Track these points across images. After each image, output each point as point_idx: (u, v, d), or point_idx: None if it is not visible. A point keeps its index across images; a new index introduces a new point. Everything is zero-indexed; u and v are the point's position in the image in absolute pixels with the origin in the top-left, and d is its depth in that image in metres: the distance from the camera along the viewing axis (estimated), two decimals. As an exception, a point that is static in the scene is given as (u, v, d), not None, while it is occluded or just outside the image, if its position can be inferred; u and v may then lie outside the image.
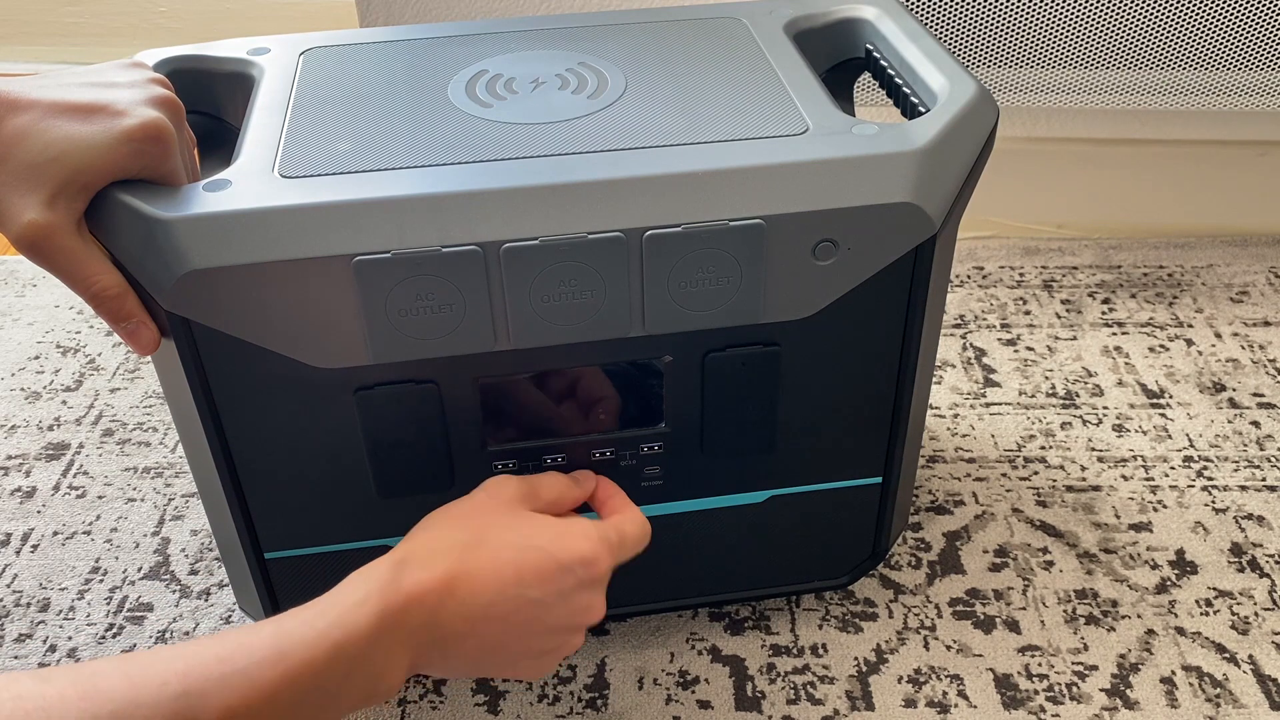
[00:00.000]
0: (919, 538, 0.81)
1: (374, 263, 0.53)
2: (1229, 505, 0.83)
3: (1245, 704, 0.69)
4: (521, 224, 0.54)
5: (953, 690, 0.70)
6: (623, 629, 0.74)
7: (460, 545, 0.53)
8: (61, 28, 1.72)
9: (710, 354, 0.61)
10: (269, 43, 0.69)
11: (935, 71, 0.63)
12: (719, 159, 0.56)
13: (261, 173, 0.56)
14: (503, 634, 0.53)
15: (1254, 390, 0.94)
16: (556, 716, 0.69)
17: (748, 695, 0.70)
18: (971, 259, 1.11)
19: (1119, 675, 0.71)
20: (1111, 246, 1.13)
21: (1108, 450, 0.88)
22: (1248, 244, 1.13)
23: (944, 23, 0.98)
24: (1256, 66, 0.99)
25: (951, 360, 0.98)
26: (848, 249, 0.57)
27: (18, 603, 0.77)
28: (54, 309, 1.08)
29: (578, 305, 0.56)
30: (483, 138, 0.59)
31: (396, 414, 0.59)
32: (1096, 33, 0.97)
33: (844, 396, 0.65)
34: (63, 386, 0.98)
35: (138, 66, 0.58)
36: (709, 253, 0.55)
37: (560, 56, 0.68)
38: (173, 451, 0.90)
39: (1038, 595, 0.76)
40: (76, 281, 0.53)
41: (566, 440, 0.63)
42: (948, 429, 0.91)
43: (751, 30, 0.70)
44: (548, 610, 0.54)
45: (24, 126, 0.50)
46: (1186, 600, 0.76)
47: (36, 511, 0.85)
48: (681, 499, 0.67)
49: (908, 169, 0.56)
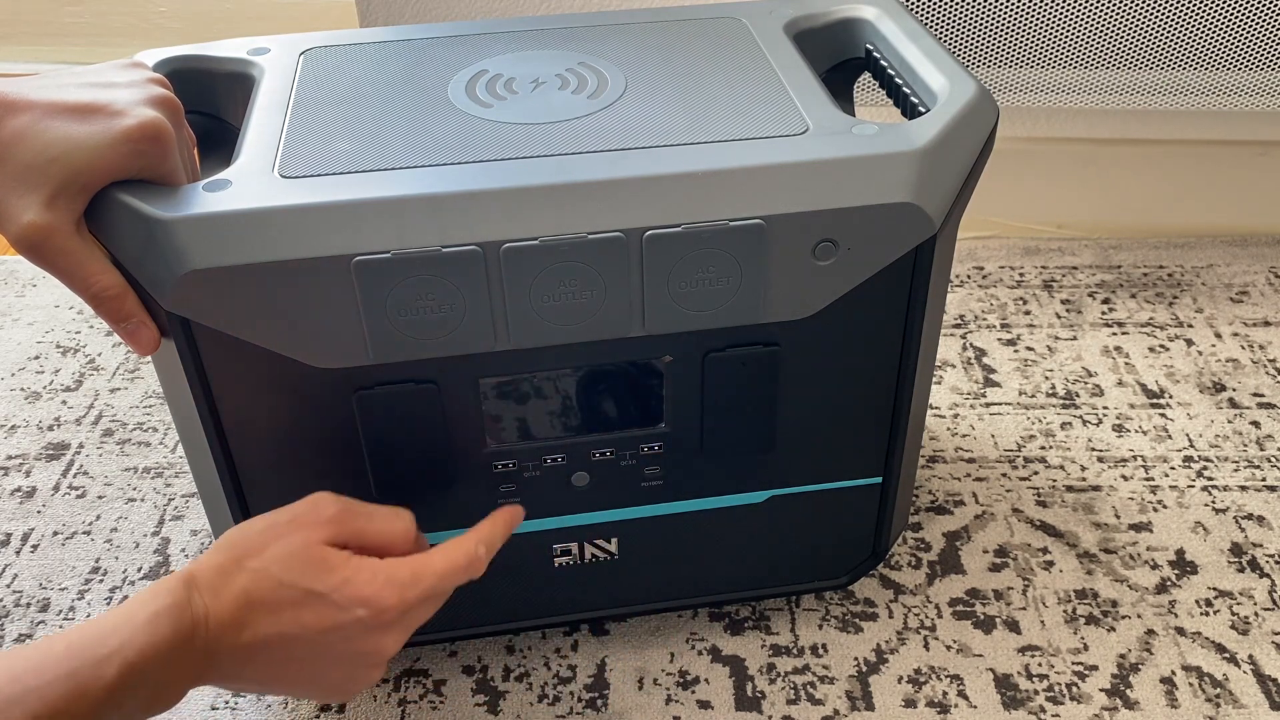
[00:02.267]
0: (919, 538, 0.81)
1: (374, 263, 0.53)
2: (1229, 505, 0.83)
3: (1245, 704, 0.69)
4: (521, 224, 0.54)
5: (953, 690, 0.70)
6: (623, 629, 0.74)
7: (249, 574, 0.52)
8: (61, 28, 1.72)
9: (710, 354, 0.61)
10: (269, 43, 0.69)
11: (935, 71, 0.63)
12: (719, 159, 0.56)
13: (261, 173, 0.56)
14: (283, 665, 0.53)
15: (1254, 390, 0.94)
16: (556, 716, 0.69)
17: (748, 695, 0.70)
18: (971, 259, 1.11)
19: (1119, 675, 0.71)
20: (1111, 246, 1.13)
21: (1108, 450, 0.88)
22: (1248, 244, 1.13)
23: (944, 23, 0.98)
24: (1256, 66, 0.99)
25: (951, 360, 0.98)
26: (848, 249, 0.57)
27: (18, 603, 0.77)
28: (54, 309, 1.08)
29: (578, 305, 0.56)
30: (483, 138, 0.59)
31: (396, 414, 0.59)
32: (1096, 33, 0.97)
33: (844, 396, 0.65)
34: (63, 386, 0.98)
35: (137, 66, 0.58)
36: (709, 253, 0.55)
37: (560, 56, 0.68)
38: (173, 451, 0.90)
39: (1038, 595, 0.76)
40: (76, 282, 0.53)
41: (566, 440, 0.63)
42: (948, 429, 0.91)
43: (751, 30, 0.70)
44: (328, 648, 0.53)
45: (23, 127, 0.50)
46: (1186, 600, 0.76)
47: (36, 511, 0.85)
48: (681, 499, 0.67)
49: (908, 169, 0.56)
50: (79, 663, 0.47)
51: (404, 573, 0.54)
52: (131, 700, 0.48)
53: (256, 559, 0.53)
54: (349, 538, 0.55)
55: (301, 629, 0.52)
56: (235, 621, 0.51)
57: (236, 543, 0.54)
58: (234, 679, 0.54)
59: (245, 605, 0.51)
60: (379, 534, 0.56)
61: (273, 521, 0.54)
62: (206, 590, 0.51)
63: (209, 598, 0.51)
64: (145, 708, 0.50)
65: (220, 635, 0.51)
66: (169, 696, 0.50)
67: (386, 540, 0.56)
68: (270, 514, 0.55)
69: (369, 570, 0.53)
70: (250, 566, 0.52)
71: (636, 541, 0.69)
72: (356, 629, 0.53)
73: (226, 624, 0.51)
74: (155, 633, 0.49)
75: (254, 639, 0.52)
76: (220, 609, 0.51)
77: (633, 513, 0.67)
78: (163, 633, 0.49)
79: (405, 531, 0.57)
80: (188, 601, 0.50)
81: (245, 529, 0.55)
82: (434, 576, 0.55)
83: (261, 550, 0.53)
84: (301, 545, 0.53)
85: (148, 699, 0.49)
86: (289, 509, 0.55)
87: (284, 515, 0.55)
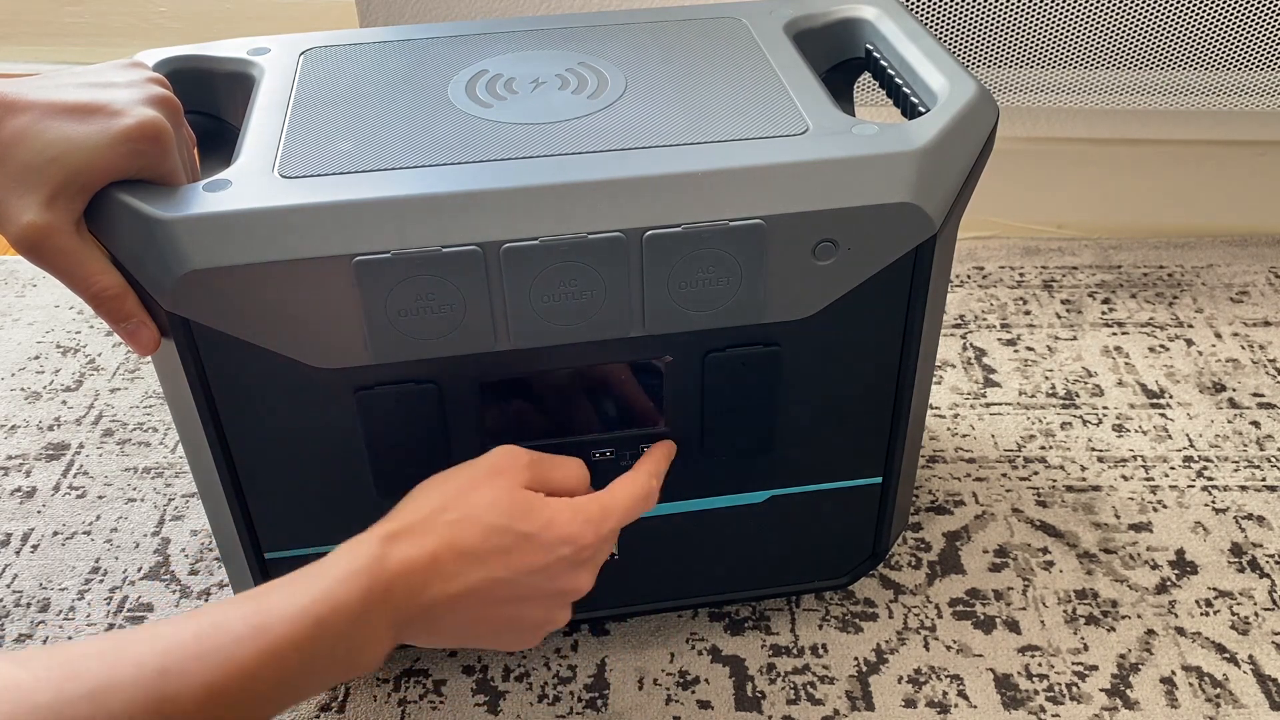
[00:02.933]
0: (919, 538, 0.81)
1: (374, 263, 0.53)
2: (1229, 505, 0.83)
3: (1245, 704, 0.69)
4: (521, 224, 0.54)
5: (953, 690, 0.70)
6: (623, 629, 0.74)
7: (449, 523, 0.53)
8: (61, 28, 1.72)
9: (710, 354, 0.61)
10: (269, 43, 0.69)
11: (935, 71, 0.63)
12: (719, 159, 0.56)
13: (261, 173, 0.56)
14: (487, 611, 0.54)
15: (1254, 390, 0.94)
16: (556, 716, 0.69)
17: (748, 695, 0.70)
18: (971, 259, 1.11)
19: (1119, 675, 0.71)
20: (1111, 246, 1.13)
21: (1108, 450, 0.88)
22: (1248, 244, 1.13)
23: (944, 23, 0.98)
24: (1256, 66, 0.99)
25: (951, 360, 0.98)
26: (848, 249, 0.57)
27: (18, 603, 0.77)
28: (54, 309, 1.08)
29: (578, 305, 0.56)
30: (483, 138, 0.59)
31: (396, 414, 0.59)
32: (1096, 33, 0.97)
33: (844, 396, 0.65)
34: (63, 386, 0.98)
35: (136, 66, 0.58)
36: (709, 253, 0.55)
37: (560, 56, 0.68)
38: (173, 451, 0.90)
39: (1038, 595, 0.76)
40: (76, 282, 0.53)
41: (566, 440, 0.63)
42: (948, 429, 0.91)
43: (751, 30, 0.70)
44: (532, 589, 0.55)
45: (21, 128, 0.50)
46: (1186, 600, 0.76)
47: (36, 511, 0.85)
48: (681, 499, 0.67)
49: (908, 169, 0.56)
50: (270, 619, 0.46)
51: (595, 509, 0.57)
52: (325, 660, 0.47)
53: (459, 508, 0.53)
54: (539, 484, 0.57)
55: (510, 572, 0.53)
56: (442, 569, 0.51)
57: (437, 494, 0.55)
58: (436, 631, 0.53)
59: (453, 553, 0.52)
60: (563, 479, 0.59)
61: (470, 474, 0.56)
62: (406, 542, 0.51)
63: (409, 549, 0.51)
64: (340, 668, 0.49)
65: (426, 585, 0.51)
66: (365, 657, 0.49)
67: (569, 485, 0.59)
68: (462, 467, 0.57)
69: (568, 510, 0.56)
70: (453, 516, 0.53)
71: (636, 541, 0.69)
72: (560, 567, 0.55)
73: (433, 573, 0.51)
74: (350, 589, 0.48)
75: (462, 587, 0.52)
76: (425, 559, 0.51)
77: (633, 513, 0.67)
78: (358, 589, 0.48)
79: (582, 476, 0.60)
80: (384, 557, 0.50)
81: (441, 482, 0.56)
82: (621, 510, 0.58)
83: (464, 498, 0.54)
84: (507, 490, 0.55)
85: (343, 660, 0.48)
86: (481, 461, 0.57)
87: (480, 466, 0.56)
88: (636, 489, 0.59)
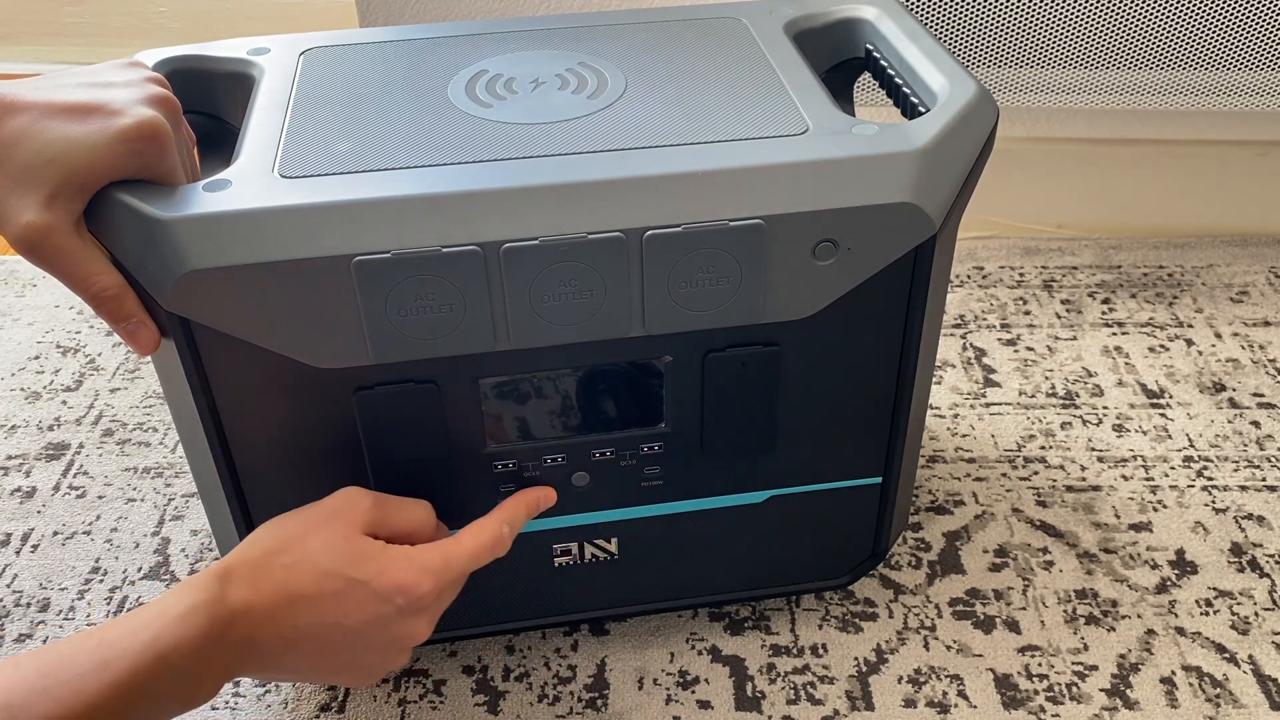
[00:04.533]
0: (919, 538, 0.81)
1: (374, 263, 0.53)
2: (1229, 505, 0.83)
3: (1245, 704, 0.69)
4: (521, 224, 0.54)
5: (953, 690, 0.70)
6: (623, 629, 0.74)
7: (284, 567, 0.53)
8: (61, 28, 1.72)
9: (710, 354, 0.61)
10: (269, 43, 0.69)
11: (935, 71, 0.63)
12: (719, 159, 0.56)
13: (261, 173, 0.56)
14: (321, 653, 0.54)
15: (1254, 390, 0.94)
16: (556, 716, 0.69)
17: (748, 695, 0.70)
18: (971, 259, 1.11)
19: (1119, 675, 0.71)
20: (1111, 246, 1.13)
21: (1108, 450, 0.88)
22: (1248, 244, 1.13)
23: (944, 23, 0.98)
24: (1256, 66, 0.99)
25: (951, 360, 0.98)
26: (848, 249, 0.57)
27: (18, 603, 0.77)
28: (54, 309, 1.08)
29: (578, 305, 0.56)
30: (483, 138, 0.59)
31: (396, 414, 0.59)
32: (1096, 33, 0.97)
33: (844, 396, 0.65)
34: (63, 386, 0.98)
35: (135, 66, 0.58)
36: (709, 253, 0.55)
37: (560, 56, 0.68)
38: (173, 451, 0.90)
39: (1038, 595, 0.76)
40: (76, 282, 0.53)
41: (566, 440, 0.63)
42: (948, 429, 0.91)
43: (751, 30, 0.70)
44: (366, 636, 0.55)
45: (20, 128, 0.50)
46: (1186, 600, 0.76)
47: (36, 511, 0.85)
48: (681, 499, 0.67)
49: (908, 169, 0.56)
50: (112, 654, 0.47)
51: (435, 559, 0.56)
52: (165, 694, 0.49)
53: (295, 552, 0.54)
54: (380, 528, 0.57)
55: (342, 617, 0.53)
56: (275, 613, 0.52)
57: (275, 536, 0.55)
58: (270, 670, 0.54)
59: (285, 597, 0.52)
60: (406, 523, 0.58)
61: (308, 516, 0.56)
62: (244, 584, 0.52)
63: (247, 591, 0.51)
64: (179, 702, 0.50)
65: (259, 627, 0.51)
66: (202, 691, 0.51)
67: (413, 529, 0.59)
68: (303, 510, 0.57)
69: (404, 558, 0.55)
70: (288, 560, 0.53)
71: (637, 541, 0.69)
72: (394, 615, 0.55)
73: (266, 616, 0.52)
74: (189, 627, 0.49)
75: (295, 629, 0.52)
76: (260, 602, 0.52)
77: (633, 513, 0.67)
78: (197, 627, 0.49)
79: (427, 520, 0.60)
80: (223, 596, 0.51)
81: (281, 524, 0.56)
82: (465, 559, 0.58)
83: (300, 542, 0.54)
84: (343, 536, 0.55)
85: (181, 693, 0.50)
86: (323, 504, 0.57)
87: (320, 510, 0.56)
88: (484, 537, 0.59)
